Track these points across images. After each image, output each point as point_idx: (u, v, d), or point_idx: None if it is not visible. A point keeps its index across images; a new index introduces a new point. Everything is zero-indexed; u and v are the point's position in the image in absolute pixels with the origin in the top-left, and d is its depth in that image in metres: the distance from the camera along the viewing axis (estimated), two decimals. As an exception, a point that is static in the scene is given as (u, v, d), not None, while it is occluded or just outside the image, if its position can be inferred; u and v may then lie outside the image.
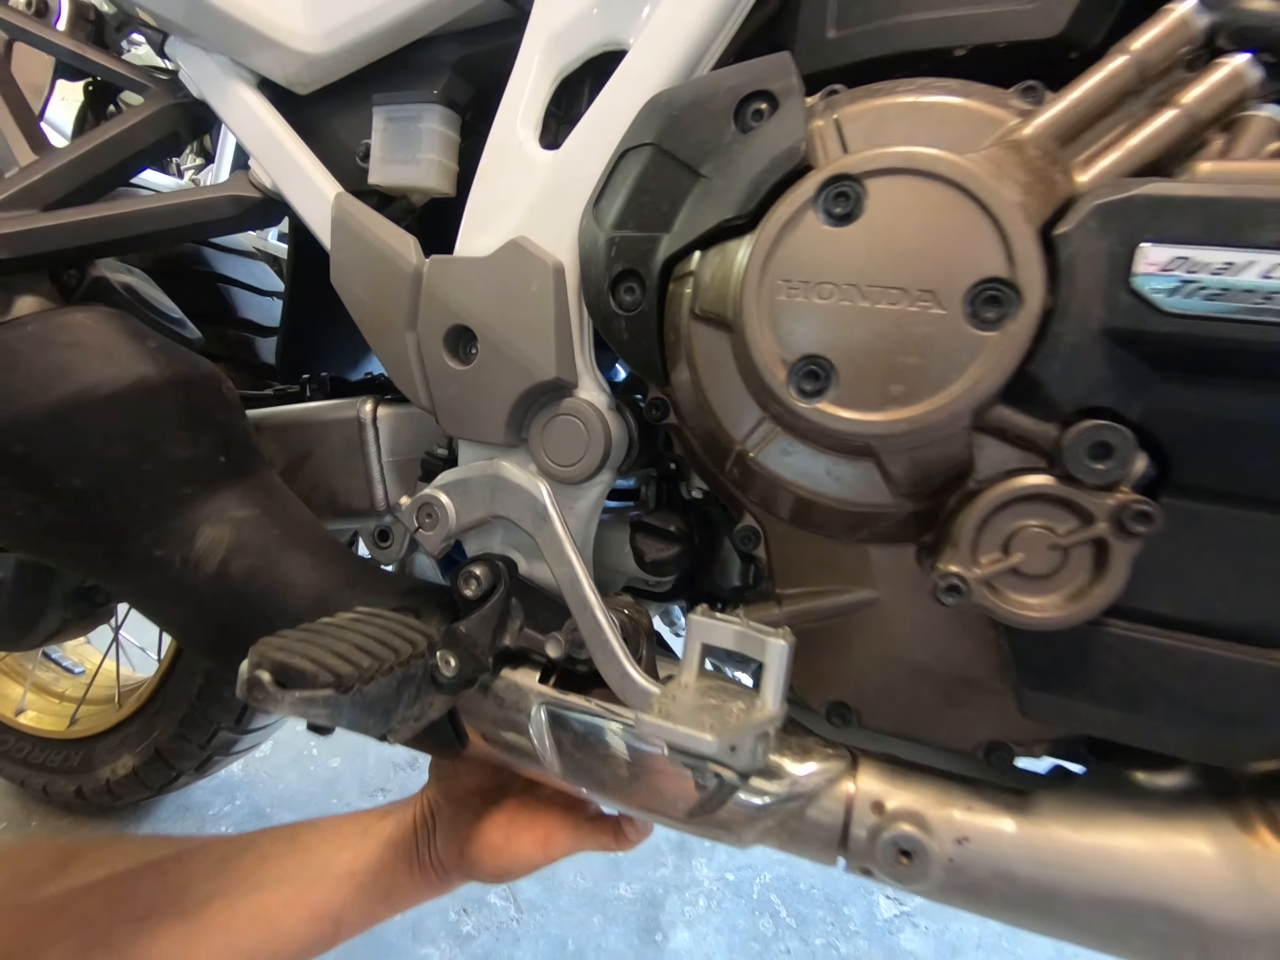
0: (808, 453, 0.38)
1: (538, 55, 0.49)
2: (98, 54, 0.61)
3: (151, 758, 0.95)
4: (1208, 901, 0.37)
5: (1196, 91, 0.31)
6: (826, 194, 0.33)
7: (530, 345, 0.48)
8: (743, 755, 0.36)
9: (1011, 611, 0.34)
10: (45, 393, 0.51)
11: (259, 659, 0.35)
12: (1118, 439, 0.31)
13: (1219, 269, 0.28)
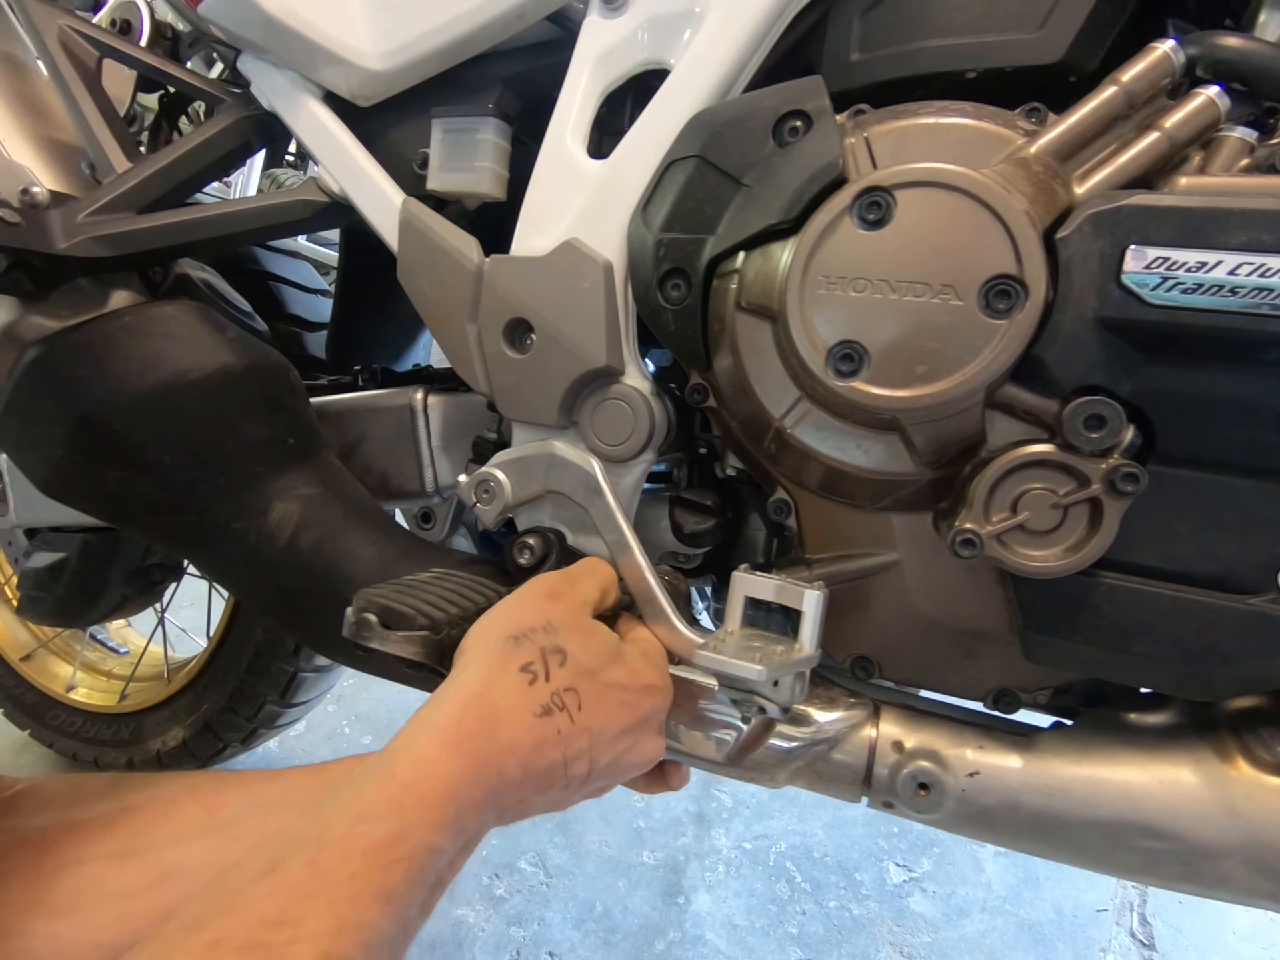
0: (839, 428, 0.44)
1: (586, 73, 0.54)
2: (177, 69, 0.66)
3: (201, 730, 1.00)
4: (1190, 822, 0.43)
5: (1176, 117, 0.37)
6: (861, 203, 0.39)
7: (583, 336, 0.53)
8: (784, 690, 0.42)
9: (1019, 562, 0.40)
10: (142, 377, 0.57)
11: (365, 603, 0.41)
12: (1110, 412, 0.37)
13: (1194, 267, 0.34)
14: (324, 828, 0.32)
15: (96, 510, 0.62)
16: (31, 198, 0.55)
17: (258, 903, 0.29)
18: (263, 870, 0.31)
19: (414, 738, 0.36)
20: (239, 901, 0.30)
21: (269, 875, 0.30)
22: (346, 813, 0.32)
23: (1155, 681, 0.43)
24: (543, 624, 0.41)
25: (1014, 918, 0.97)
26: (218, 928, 0.28)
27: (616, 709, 0.42)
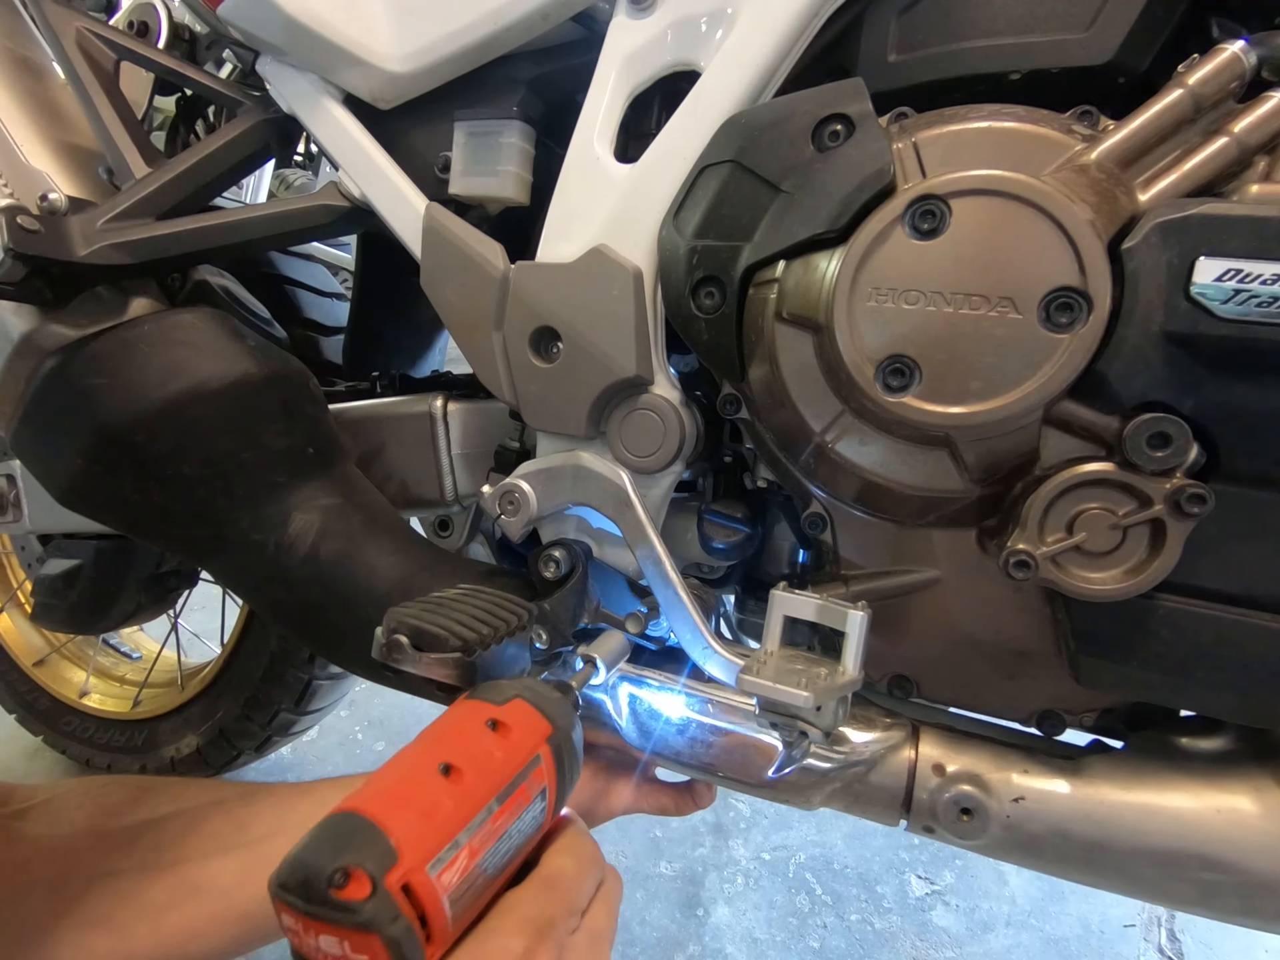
0: (884, 443, 0.42)
1: (613, 76, 0.53)
2: (195, 71, 0.65)
3: (215, 737, 0.99)
4: (1250, 852, 0.41)
5: (1246, 122, 0.35)
6: (914, 211, 0.37)
7: (611, 345, 0.52)
8: (826, 715, 0.41)
9: (1075, 585, 0.38)
10: (162, 387, 0.56)
11: (396, 624, 0.40)
12: (1175, 430, 0.35)
13: (1270, 279, 0.32)
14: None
15: (114, 521, 0.61)
16: (50, 204, 0.54)
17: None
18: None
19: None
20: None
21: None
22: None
23: (1215, 708, 0.42)
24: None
25: (1039, 933, 0.96)
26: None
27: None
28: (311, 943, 0.29)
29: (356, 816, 0.31)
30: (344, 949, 0.28)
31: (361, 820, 0.30)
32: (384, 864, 0.29)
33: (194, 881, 0.46)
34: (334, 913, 0.28)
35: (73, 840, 0.46)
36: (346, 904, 0.28)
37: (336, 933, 0.28)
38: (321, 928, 0.28)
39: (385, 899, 0.29)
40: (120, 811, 0.49)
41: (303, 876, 0.29)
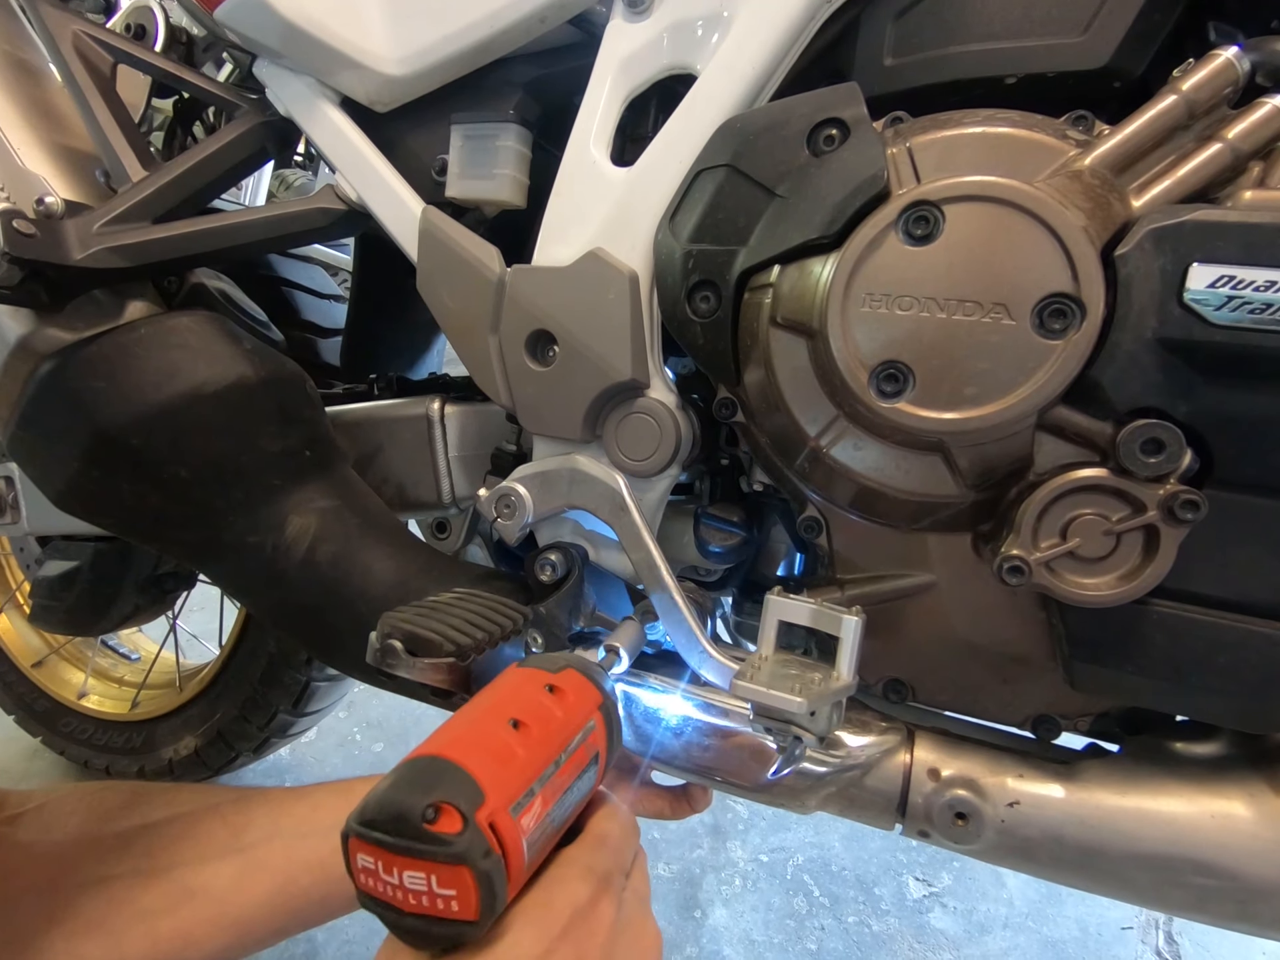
0: (879, 448, 0.42)
1: (609, 79, 0.53)
2: (192, 74, 0.65)
3: (213, 739, 0.99)
4: (1244, 858, 0.41)
5: (1240, 128, 0.35)
6: (907, 217, 0.37)
7: (607, 348, 0.52)
8: (820, 720, 0.41)
9: (1069, 591, 0.38)
10: (158, 390, 0.56)
11: (390, 629, 0.40)
12: (1169, 436, 0.35)
13: (1263, 286, 0.32)
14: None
15: (111, 524, 0.61)
16: (46, 208, 0.54)
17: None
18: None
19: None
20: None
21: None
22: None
23: (1209, 713, 0.42)
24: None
25: (1037, 935, 0.96)
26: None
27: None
28: (391, 880, 0.29)
29: (440, 760, 0.31)
30: (430, 884, 0.28)
31: (445, 763, 0.31)
32: (474, 802, 0.29)
33: (188, 887, 0.46)
34: (427, 846, 0.28)
35: (65, 846, 0.46)
36: (440, 837, 0.28)
37: (425, 867, 0.28)
38: (409, 862, 0.28)
39: (477, 834, 0.29)
40: (114, 817, 0.49)
41: (394, 811, 0.29)
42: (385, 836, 0.29)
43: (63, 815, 0.48)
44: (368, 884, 0.30)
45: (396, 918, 0.29)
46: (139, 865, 0.46)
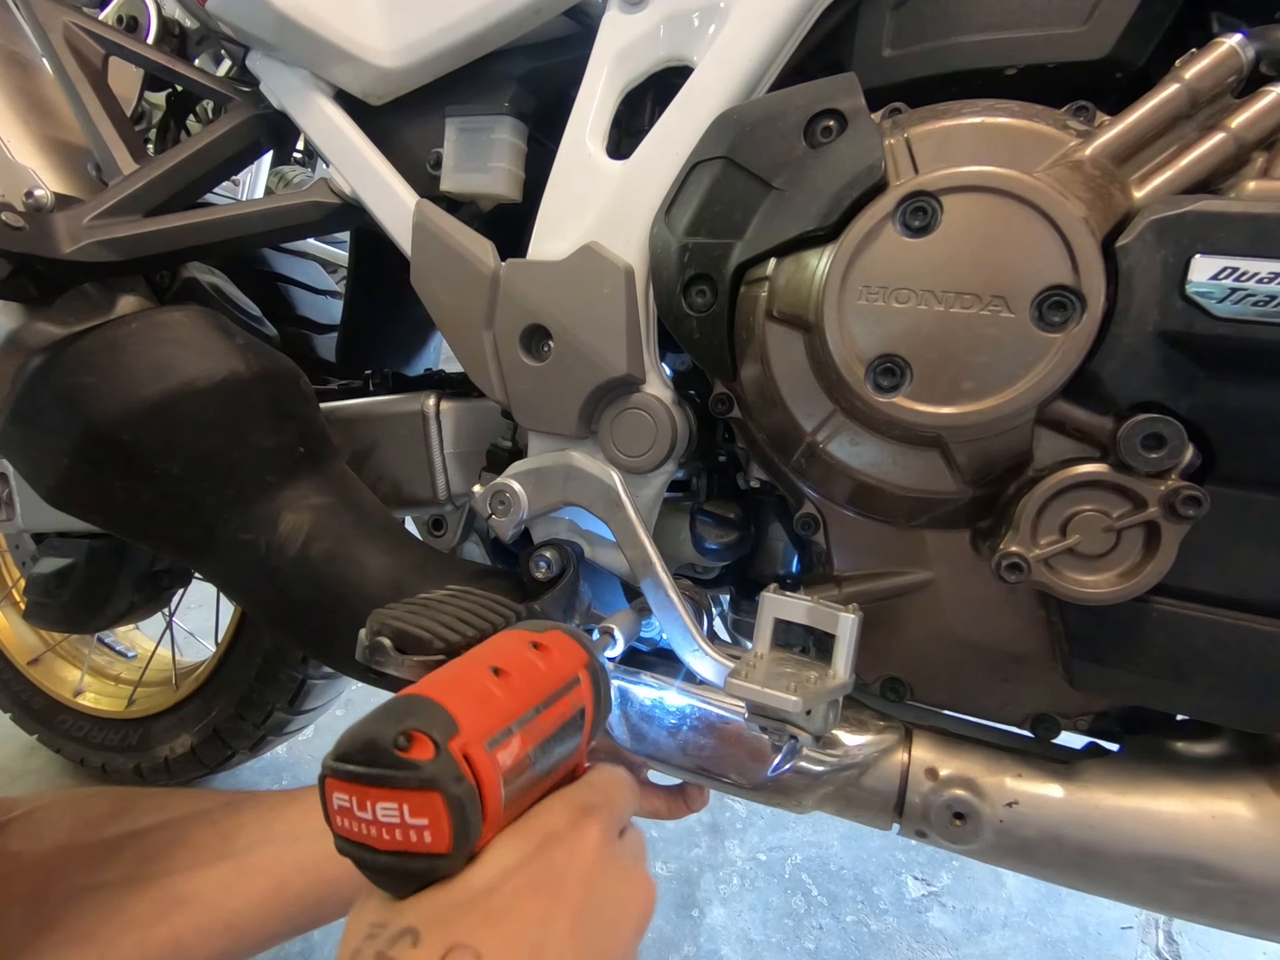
0: (876, 443, 0.42)
1: (605, 71, 0.53)
2: (185, 66, 0.65)
3: (209, 736, 0.99)
4: (1245, 859, 0.41)
5: (1243, 117, 0.35)
6: (905, 208, 0.37)
7: (603, 343, 0.51)
8: (816, 718, 0.40)
9: (1068, 588, 0.38)
10: (150, 385, 0.55)
11: (379, 626, 0.39)
12: (1170, 431, 0.35)
13: (1266, 278, 0.32)
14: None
15: (103, 521, 0.60)
16: (36, 201, 0.54)
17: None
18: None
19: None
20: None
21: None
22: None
23: (1211, 712, 0.41)
24: (366, 931, 0.29)
25: (1036, 935, 0.95)
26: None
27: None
28: (365, 816, 0.28)
29: (415, 696, 0.31)
30: (403, 814, 0.28)
31: (420, 698, 0.31)
32: (446, 731, 0.29)
33: (179, 894, 0.45)
34: (398, 772, 0.28)
35: (53, 855, 0.46)
36: (411, 762, 0.28)
37: (396, 796, 0.28)
38: (380, 794, 0.28)
39: (449, 760, 0.29)
40: (102, 824, 0.48)
41: (366, 740, 0.29)
42: (358, 768, 0.28)
43: (50, 823, 0.48)
44: (343, 825, 0.29)
45: (371, 857, 0.29)
46: (128, 873, 0.46)
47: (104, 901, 0.44)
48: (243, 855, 0.48)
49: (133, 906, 0.45)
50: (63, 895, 0.44)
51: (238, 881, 0.47)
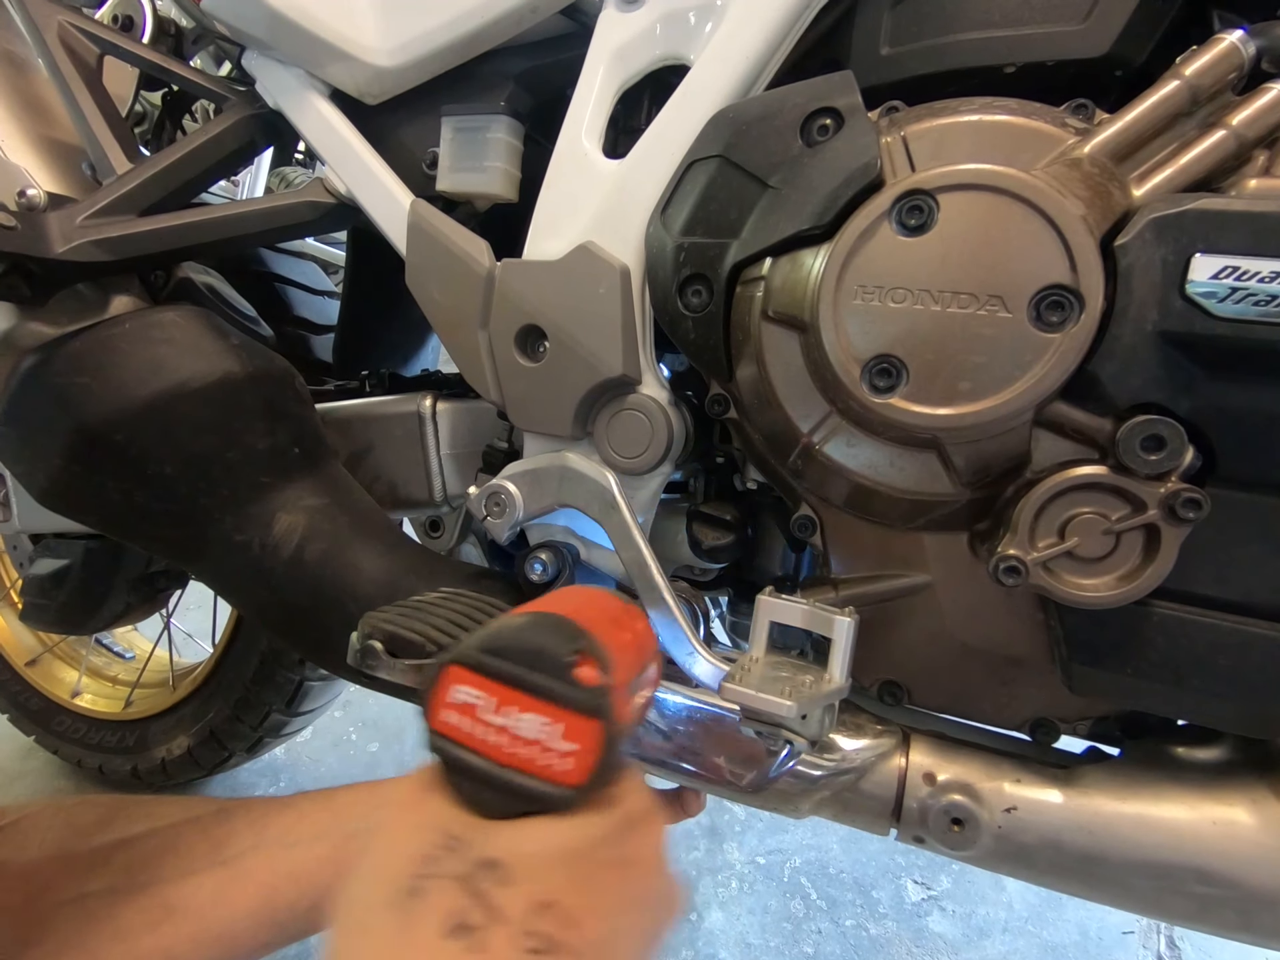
0: (872, 445, 0.41)
1: (601, 70, 0.52)
2: (180, 66, 0.64)
3: (206, 738, 0.98)
4: (1247, 865, 0.40)
5: (1244, 114, 0.34)
6: (901, 207, 0.36)
7: (598, 344, 0.51)
8: (812, 723, 0.40)
9: (1067, 591, 0.37)
10: (143, 386, 0.55)
11: (371, 629, 0.39)
12: (1170, 432, 0.34)
13: (1267, 277, 0.31)
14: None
15: (96, 522, 0.60)
16: (28, 200, 0.53)
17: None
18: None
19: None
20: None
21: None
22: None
23: (1211, 717, 0.40)
24: (441, 841, 0.26)
25: (1037, 939, 0.94)
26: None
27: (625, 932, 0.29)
28: (498, 721, 0.26)
29: (573, 623, 0.29)
30: (548, 731, 0.26)
31: (579, 627, 0.29)
32: (608, 666, 0.27)
33: (169, 903, 0.45)
34: (569, 689, 0.26)
35: (41, 864, 0.45)
36: (582, 685, 0.26)
37: (552, 712, 0.26)
38: (537, 705, 0.26)
39: (614, 694, 0.27)
40: (91, 832, 0.48)
41: (536, 645, 0.26)
42: (517, 669, 0.26)
43: (38, 832, 0.47)
44: (457, 724, 0.26)
45: (483, 765, 0.26)
46: (118, 882, 0.45)
47: (93, 911, 0.44)
48: (234, 863, 0.47)
49: (122, 916, 0.44)
50: (51, 905, 0.44)
51: (229, 890, 0.46)
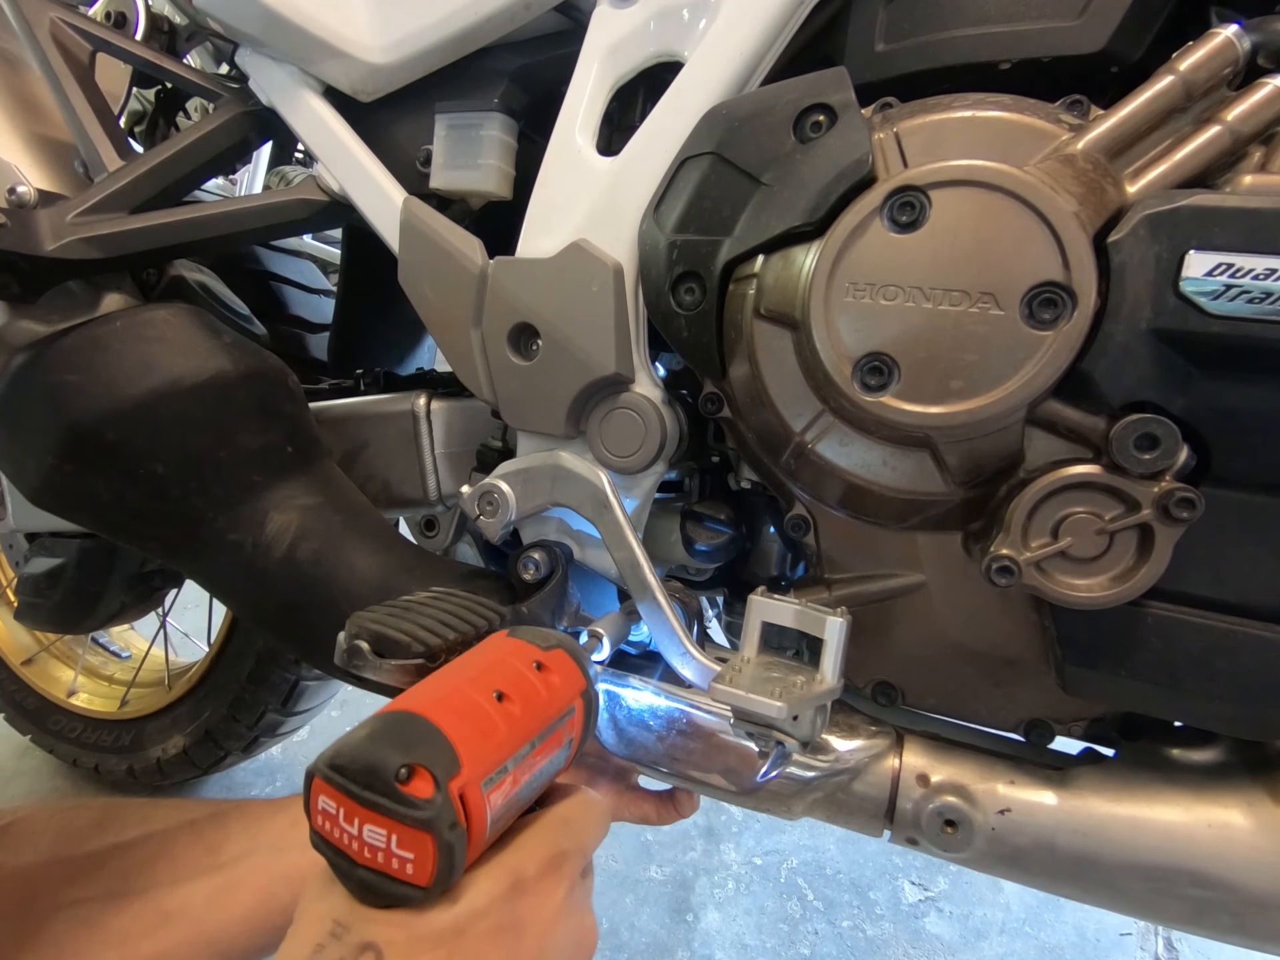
0: (865, 444, 0.41)
1: (595, 67, 0.52)
2: (173, 63, 0.64)
3: (201, 738, 0.98)
4: (1241, 868, 0.40)
5: (1239, 110, 0.34)
6: (892, 203, 0.36)
7: (591, 342, 0.51)
8: (803, 724, 0.39)
9: (1060, 592, 0.37)
10: (134, 384, 0.54)
11: (358, 630, 0.38)
12: (1164, 431, 0.34)
13: (1263, 274, 0.31)
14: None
15: (88, 521, 0.60)
16: (19, 197, 0.53)
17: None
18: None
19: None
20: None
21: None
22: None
23: (1206, 719, 0.40)
24: (331, 929, 0.29)
25: (1034, 941, 0.94)
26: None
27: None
28: (350, 829, 0.28)
29: (421, 719, 0.31)
30: (390, 843, 0.28)
31: (427, 724, 0.30)
32: (449, 770, 0.29)
33: (164, 908, 0.45)
34: (395, 805, 0.28)
35: (35, 869, 0.45)
36: (410, 799, 0.28)
37: (389, 825, 0.28)
38: (372, 817, 0.28)
39: (448, 803, 0.29)
40: (85, 837, 0.47)
41: (367, 763, 0.28)
42: (353, 786, 0.28)
43: (32, 836, 0.47)
44: (323, 827, 0.29)
45: (348, 867, 0.29)
46: (112, 887, 0.45)
47: (87, 917, 0.43)
48: (228, 868, 0.47)
49: (117, 922, 0.44)
50: (47, 910, 0.43)
51: (224, 895, 0.46)
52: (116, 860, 0.46)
